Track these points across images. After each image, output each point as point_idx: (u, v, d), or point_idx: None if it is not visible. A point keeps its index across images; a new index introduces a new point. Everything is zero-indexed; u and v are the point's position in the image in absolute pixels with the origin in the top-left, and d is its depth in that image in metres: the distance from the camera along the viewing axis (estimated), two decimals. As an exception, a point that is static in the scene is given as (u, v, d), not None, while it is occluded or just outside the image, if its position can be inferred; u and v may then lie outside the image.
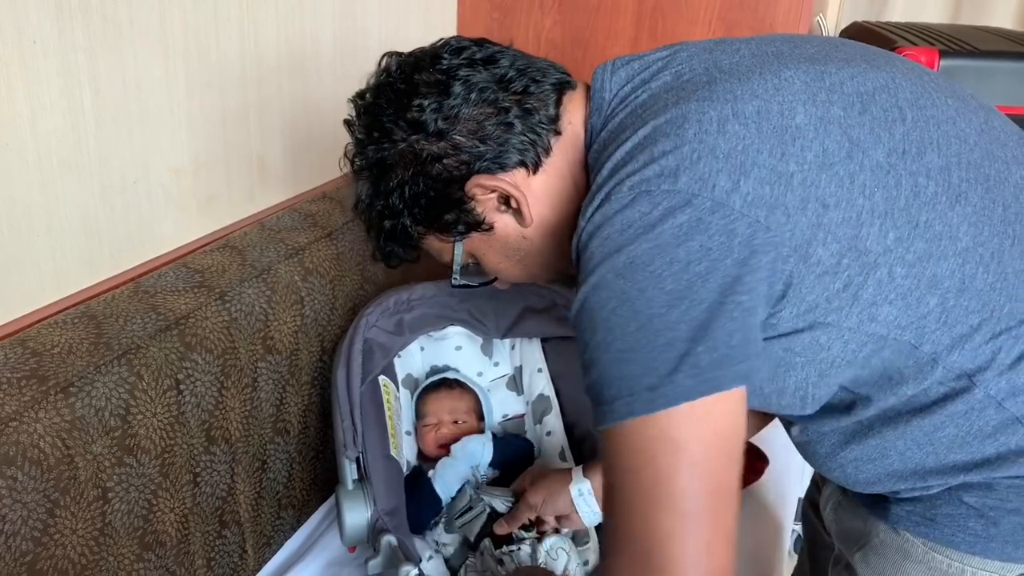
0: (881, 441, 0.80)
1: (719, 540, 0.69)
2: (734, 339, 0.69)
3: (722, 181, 0.71)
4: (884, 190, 0.73)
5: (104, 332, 1.02)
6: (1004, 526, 0.79)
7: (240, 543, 1.23)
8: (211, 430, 1.13)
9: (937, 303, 0.74)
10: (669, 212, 0.70)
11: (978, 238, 0.74)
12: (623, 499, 0.71)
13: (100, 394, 0.96)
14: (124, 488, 0.99)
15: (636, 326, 0.69)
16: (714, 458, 0.69)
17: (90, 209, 1.12)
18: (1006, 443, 0.77)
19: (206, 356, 1.10)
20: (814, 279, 0.72)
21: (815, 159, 0.73)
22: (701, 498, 0.68)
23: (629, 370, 0.69)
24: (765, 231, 0.70)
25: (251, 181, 1.41)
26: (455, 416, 1.37)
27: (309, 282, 1.31)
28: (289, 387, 1.28)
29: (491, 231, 0.90)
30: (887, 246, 0.72)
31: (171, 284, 1.14)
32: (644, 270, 0.70)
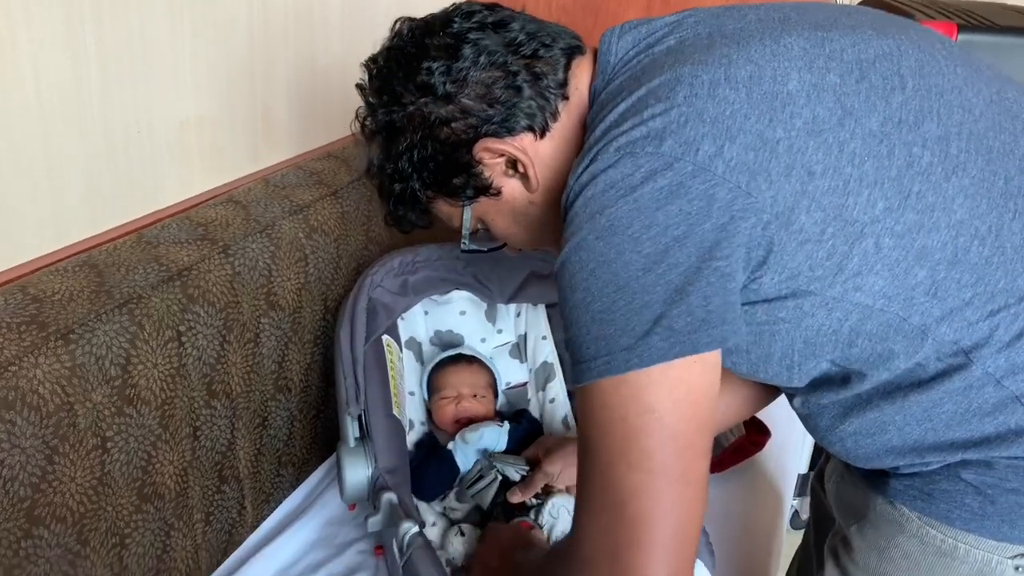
0: (880, 415, 0.79)
1: (687, 497, 0.70)
2: (711, 304, 0.69)
3: (706, 146, 0.70)
4: (875, 159, 0.72)
5: (105, 281, 1.01)
6: (1001, 505, 0.77)
7: (239, 499, 1.23)
8: (212, 384, 1.12)
9: (927, 275, 0.72)
10: (651, 175, 0.70)
11: (975, 210, 0.73)
12: (595, 455, 0.72)
13: (100, 342, 0.95)
14: (124, 438, 0.98)
15: (614, 288, 0.70)
16: (684, 419, 0.70)
17: (92, 159, 1.10)
18: (1005, 422, 0.76)
19: (208, 309, 1.09)
20: (796, 246, 0.71)
21: (804, 126, 0.72)
22: (669, 457, 0.69)
23: (606, 331, 0.70)
24: (745, 196, 0.70)
25: (256, 137, 1.40)
26: (475, 390, 1.35)
27: (313, 240, 1.29)
28: (292, 344, 1.27)
29: (499, 196, 0.89)
30: (875, 216, 0.71)
31: (174, 236, 1.13)
32: (623, 232, 0.70)
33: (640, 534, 0.69)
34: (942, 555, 0.81)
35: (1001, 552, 0.78)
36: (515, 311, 1.50)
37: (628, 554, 0.69)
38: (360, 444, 1.18)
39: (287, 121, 1.46)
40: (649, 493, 0.69)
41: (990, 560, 0.79)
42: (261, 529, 1.29)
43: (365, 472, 1.16)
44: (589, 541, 0.72)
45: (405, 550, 1.04)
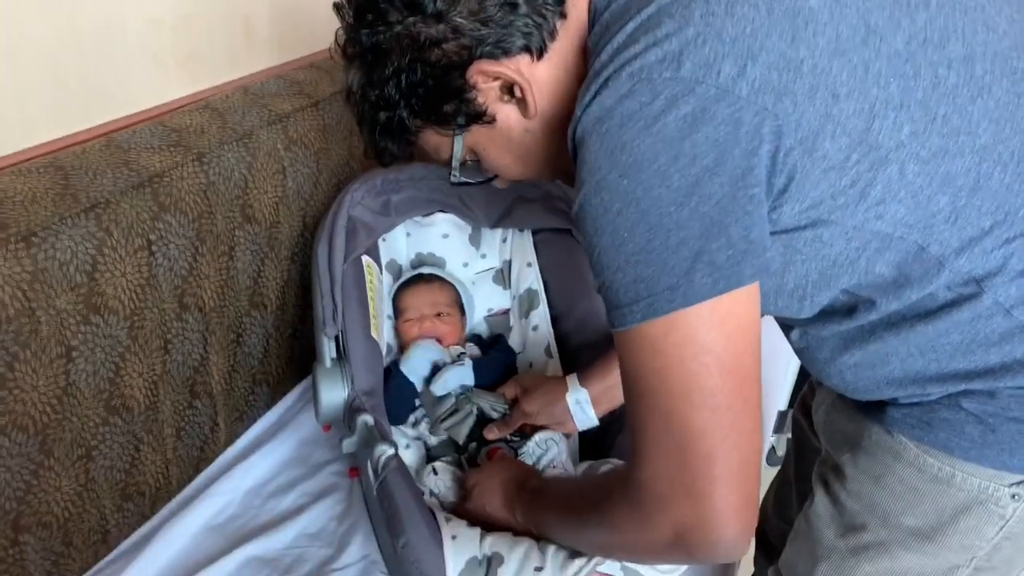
0: (883, 346, 0.78)
1: (750, 424, 0.70)
2: (751, 233, 0.67)
3: (727, 67, 0.66)
4: (901, 80, 0.68)
5: (72, 184, 0.96)
6: (1002, 433, 0.76)
7: (212, 415, 1.20)
8: (184, 296, 1.08)
9: (948, 202, 0.70)
10: (672, 102, 0.66)
11: (999, 135, 0.70)
12: (653, 401, 0.71)
13: (65, 247, 0.91)
14: (90, 348, 0.95)
15: (646, 227, 0.67)
16: (738, 352, 0.69)
17: (60, 55, 1.04)
18: (1011, 352, 0.74)
19: (180, 218, 1.05)
20: (819, 174, 0.68)
21: (827, 45, 0.68)
22: (730, 392, 0.69)
23: (644, 272, 0.67)
24: (773, 119, 0.66)
25: (236, 42, 1.33)
26: (437, 308, 1.32)
27: (292, 151, 1.24)
28: (268, 260, 1.23)
29: (493, 123, 0.83)
30: (900, 141, 0.68)
31: (146, 141, 1.08)
32: (648, 168, 0.66)
33: (715, 469, 0.69)
34: (939, 483, 0.80)
35: (999, 480, 0.78)
36: (501, 236, 1.46)
37: (707, 488, 0.69)
38: (337, 365, 1.15)
39: (269, 27, 1.39)
40: (717, 429, 0.69)
41: (987, 488, 0.78)
42: (234, 447, 1.28)
43: (341, 393, 1.13)
44: (663, 480, 0.71)
45: (380, 472, 1.02)
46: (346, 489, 1.21)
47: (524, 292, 1.41)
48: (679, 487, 0.70)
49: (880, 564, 0.86)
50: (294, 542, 1.13)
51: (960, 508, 0.80)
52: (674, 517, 0.71)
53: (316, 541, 1.13)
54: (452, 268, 1.43)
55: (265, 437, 1.29)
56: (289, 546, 1.12)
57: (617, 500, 0.78)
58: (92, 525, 1.02)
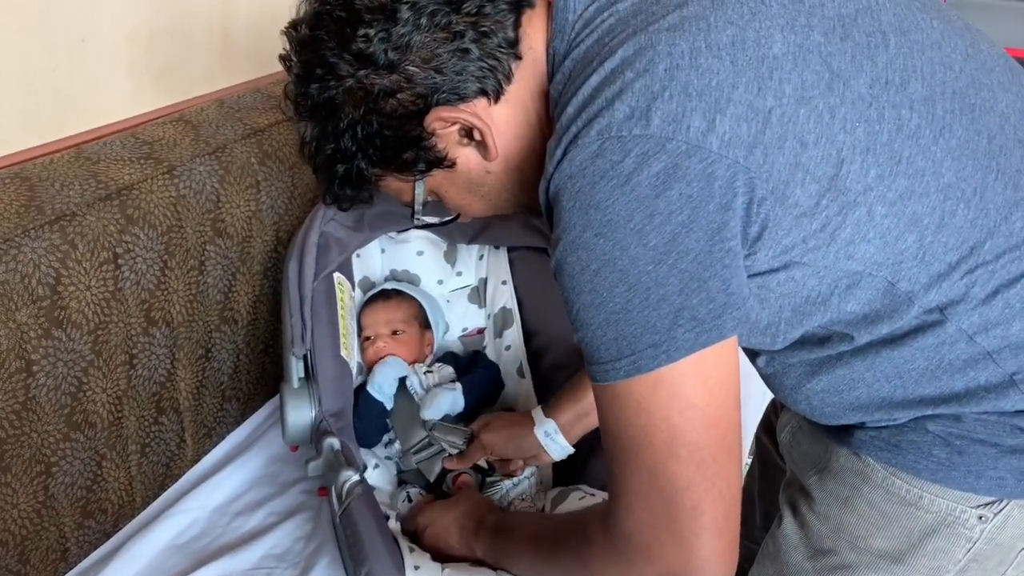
0: (849, 372, 0.78)
1: (733, 472, 0.71)
2: (730, 286, 0.67)
3: (696, 121, 0.66)
4: (866, 124, 0.69)
5: (37, 195, 0.95)
6: (969, 455, 0.77)
7: (178, 431, 1.19)
8: (151, 311, 1.07)
9: (915, 240, 0.71)
10: (643, 160, 0.66)
11: (961, 173, 0.71)
12: (637, 455, 0.71)
13: (27, 259, 0.89)
14: (51, 362, 0.93)
15: (625, 287, 0.67)
16: (720, 404, 0.70)
17: (30, 63, 1.03)
18: (975, 378, 0.75)
19: (149, 232, 1.04)
20: (791, 221, 0.69)
21: (793, 92, 0.68)
22: (715, 445, 0.69)
23: (626, 330, 0.68)
24: (745, 172, 0.66)
25: (212, 55, 1.33)
26: (391, 327, 1.30)
27: (267, 166, 1.23)
28: (239, 275, 1.22)
29: (453, 167, 0.82)
30: (867, 184, 0.69)
31: (116, 153, 1.07)
32: (624, 227, 0.66)
33: (702, 519, 0.70)
34: (907, 505, 0.80)
35: (966, 502, 0.78)
36: (477, 253, 1.45)
37: (693, 539, 0.70)
38: (304, 385, 1.13)
39: (247, 41, 1.39)
40: (703, 481, 0.70)
41: (954, 510, 0.78)
42: (202, 464, 1.26)
43: (308, 414, 1.12)
44: (648, 530, 0.72)
45: (344, 498, 1.01)
46: (315, 508, 1.20)
47: (499, 311, 1.40)
48: (666, 537, 0.71)
49: None
50: (260, 562, 1.11)
51: (928, 530, 0.80)
52: (661, 567, 0.72)
53: (282, 562, 1.11)
54: (427, 286, 1.42)
55: (234, 454, 1.27)
56: (255, 566, 1.10)
57: (599, 547, 0.78)
58: (51, 543, 1.00)
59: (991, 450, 0.76)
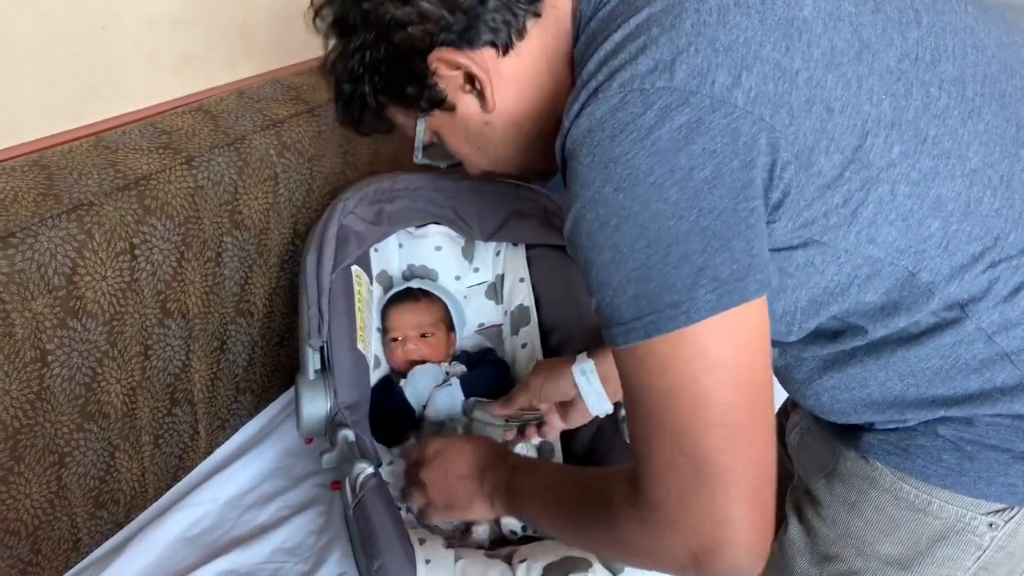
0: (862, 371, 0.76)
1: (765, 437, 0.68)
2: (753, 247, 0.65)
3: (722, 76, 0.64)
4: (892, 98, 0.67)
5: (55, 184, 0.94)
6: (980, 461, 0.75)
7: (192, 423, 1.18)
8: (167, 302, 1.06)
9: (939, 227, 0.69)
10: (665, 113, 0.63)
11: (988, 159, 0.69)
12: (661, 421, 0.68)
13: (44, 248, 0.89)
14: (66, 352, 0.93)
15: (645, 242, 0.64)
16: (749, 366, 0.66)
17: (51, 51, 1.02)
18: (991, 379, 0.73)
19: (166, 222, 1.03)
20: (814, 191, 0.67)
21: (822, 57, 0.66)
22: (745, 407, 0.66)
23: (646, 288, 0.65)
24: (770, 130, 0.64)
25: (233, 45, 1.32)
26: (421, 330, 1.30)
27: (285, 158, 1.22)
28: (256, 267, 1.21)
29: (453, 111, 0.82)
30: (891, 160, 0.67)
31: (135, 142, 1.06)
32: (644, 181, 0.64)
33: (734, 489, 0.66)
34: (915, 511, 0.79)
35: (976, 509, 0.77)
36: (495, 250, 1.44)
37: (726, 510, 0.66)
38: (320, 377, 1.12)
39: (268, 31, 1.38)
40: (734, 445, 0.66)
41: (964, 516, 0.77)
42: (215, 456, 1.25)
43: (323, 406, 1.11)
44: (676, 501, 0.68)
45: (358, 491, 1.00)
46: (327, 502, 1.19)
47: (516, 308, 1.39)
48: (696, 510, 0.67)
49: None
50: (270, 556, 1.10)
51: (936, 537, 0.79)
52: (691, 540, 0.68)
53: (293, 556, 1.11)
54: (444, 281, 1.41)
55: (247, 447, 1.27)
56: (265, 560, 1.10)
57: (625, 513, 0.74)
58: (63, 533, 1.00)
59: (1003, 456, 0.75)
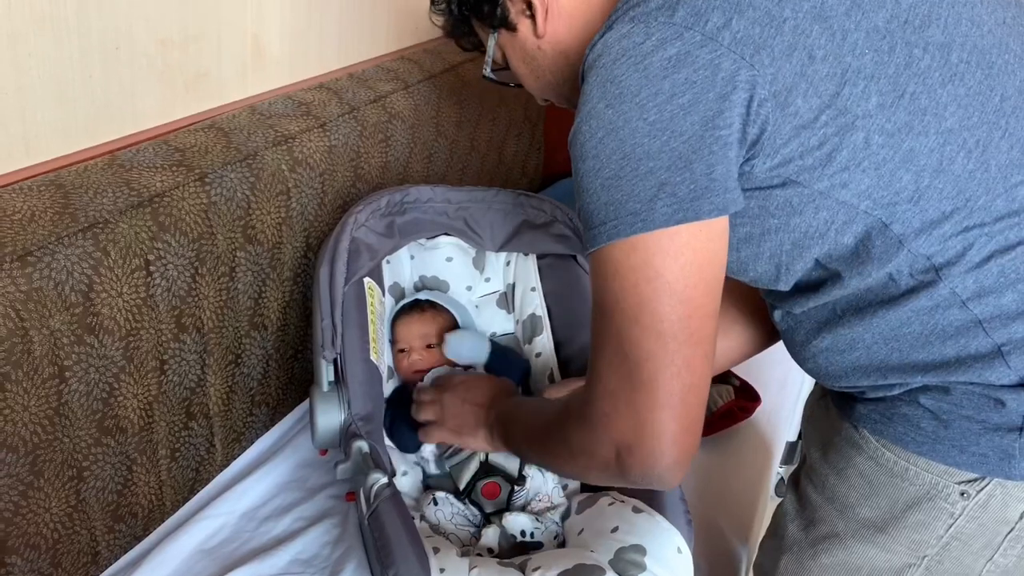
0: (850, 332, 0.82)
1: (697, 357, 0.74)
2: (714, 172, 0.71)
3: (715, 17, 0.72)
4: (875, 54, 0.73)
5: (71, 203, 0.95)
6: (954, 429, 0.79)
7: (208, 436, 1.19)
8: (182, 317, 1.07)
9: (911, 180, 0.74)
10: (660, 44, 0.72)
11: (966, 122, 0.74)
12: (609, 319, 0.76)
13: (61, 267, 0.90)
14: (83, 368, 0.94)
15: (620, 155, 0.72)
16: (692, 285, 0.73)
17: (66, 72, 1.04)
18: (966, 346, 0.77)
19: (180, 239, 1.04)
20: (790, 130, 0.72)
21: (811, 9, 0.73)
22: (679, 321, 0.73)
23: (614, 196, 0.73)
24: (748, 68, 0.71)
25: (244, 62, 1.33)
26: (426, 340, 1.31)
27: (297, 173, 1.23)
28: (269, 281, 1.23)
29: (515, 32, 0.91)
30: (867, 110, 0.72)
31: (149, 160, 1.08)
32: (631, 100, 0.72)
33: (658, 394, 0.73)
34: (893, 476, 0.83)
35: (948, 477, 0.80)
36: (505, 259, 1.45)
37: (645, 411, 0.74)
38: (334, 388, 1.13)
39: (279, 47, 1.39)
40: (662, 355, 0.73)
41: (937, 483, 0.81)
42: (231, 468, 1.26)
43: (338, 417, 1.12)
44: (609, 398, 0.76)
45: (372, 501, 1.00)
46: (342, 513, 1.20)
47: (527, 318, 1.39)
48: (623, 406, 0.75)
49: (836, 556, 0.89)
50: (287, 567, 1.11)
51: (911, 502, 0.83)
52: (616, 435, 0.76)
53: (309, 567, 1.12)
54: (456, 292, 1.42)
55: (263, 459, 1.28)
56: (282, 571, 1.11)
57: (572, 417, 0.83)
58: (82, 547, 1.01)
59: (975, 426, 0.78)
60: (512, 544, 1.09)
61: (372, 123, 1.40)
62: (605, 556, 0.98)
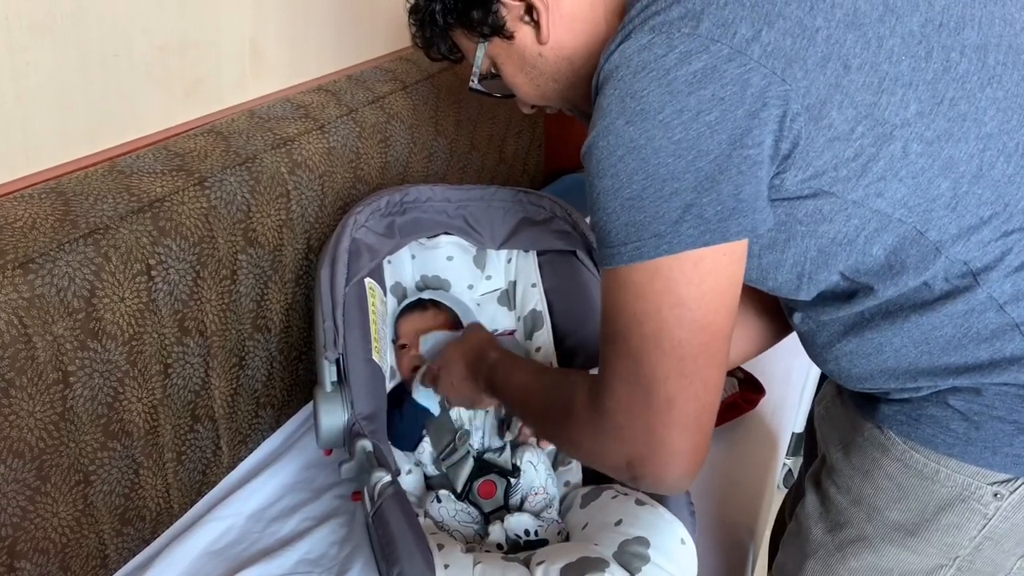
0: (878, 336, 0.80)
1: (713, 379, 0.74)
2: (741, 192, 0.69)
3: (744, 29, 0.68)
4: (912, 60, 0.70)
5: (72, 209, 0.96)
6: (986, 431, 0.77)
7: (214, 439, 1.20)
8: (185, 320, 1.08)
9: (949, 187, 0.71)
10: (685, 57, 0.68)
11: (1005, 126, 0.72)
12: (626, 340, 0.74)
13: (63, 273, 0.91)
14: (87, 373, 0.95)
15: (643, 175, 0.70)
16: (712, 310, 0.72)
17: (65, 80, 1.05)
18: (1001, 349, 0.75)
19: (181, 243, 1.05)
20: (824, 143, 0.70)
21: (844, 17, 0.70)
22: (699, 345, 0.72)
23: (636, 217, 0.71)
24: (780, 83, 0.68)
25: (243, 66, 1.34)
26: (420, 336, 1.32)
27: (297, 175, 1.24)
28: (271, 283, 1.23)
29: (511, 40, 0.88)
30: (906, 119, 0.70)
31: (149, 166, 1.08)
32: (654, 118, 0.69)
33: (673, 414, 0.73)
34: (923, 478, 0.81)
35: (981, 478, 0.79)
36: (506, 257, 1.45)
37: (663, 431, 0.74)
38: (337, 389, 1.14)
39: (277, 51, 1.40)
40: (681, 378, 0.72)
41: (970, 485, 0.79)
42: (238, 470, 1.27)
43: (341, 417, 1.12)
44: (624, 413, 0.76)
45: (376, 499, 1.01)
46: (349, 513, 1.21)
47: (528, 313, 1.40)
48: (638, 424, 0.75)
49: (864, 559, 0.87)
50: (295, 567, 1.12)
51: (943, 504, 0.81)
52: (629, 449, 0.76)
53: (317, 567, 1.12)
54: (457, 290, 1.43)
55: (269, 460, 1.29)
56: (290, 571, 1.11)
57: (580, 415, 0.82)
58: (90, 550, 1.02)
59: (1008, 427, 0.77)
60: (515, 545, 1.10)
61: (371, 124, 1.41)
62: (609, 549, 0.98)
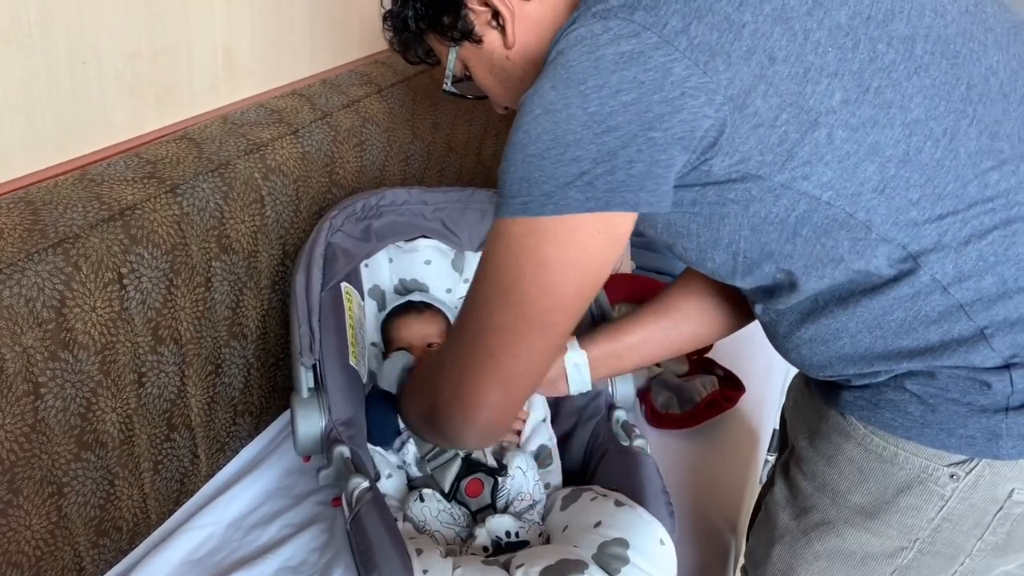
0: (833, 322, 0.82)
1: (539, 345, 0.79)
2: (633, 168, 0.72)
3: (674, 21, 0.72)
4: (839, 51, 0.73)
5: (40, 219, 0.95)
6: (941, 413, 0.80)
7: (191, 447, 1.19)
8: (159, 329, 1.07)
9: (876, 171, 0.74)
10: (616, 39, 0.72)
11: (932, 112, 0.74)
12: (483, 290, 0.80)
13: (31, 283, 0.90)
14: (59, 384, 0.94)
15: (551, 137, 0.73)
16: (568, 280, 0.76)
17: (33, 88, 1.04)
18: (949, 331, 0.78)
19: (153, 251, 1.04)
20: (748, 130, 0.73)
21: (772, 12, 0.73)
22: (542, 309, 0.77)
23: (533, 174, 0.74)
24: (701, 75, 0.71)
25: (215, 72, 1.33)
26: (427, 340, 1.31)
27: (271, 180, 1.23)
28: (247, 290, 1.23)
29: (480, 44, 0.91)
30: (831, 106, 0.72)
31: (120, 174, 1.07)
32: (576, 87, 0.73)
33: (490, 365, 0.78)
34: (883, 461, 0.84)
35: (938, 460, 0.81)
36: (484, 260, 1.45)
37: (474, 376, 0.79)
38: (314, 395, 1.14)
39: (251, 57, 1.39)
40: (512, 333, 0.78)
41: (927, 467, 0.81)
42: (216, 478, 1.26)
43: (318, 424, 1.12)
44: (449, 354, 0.81)
45: (354, 505, 1.00)
46: (329, 519, 1.20)
47: (508, 317, 1.40)
48: (456, 364, 0.79)
49: (828, 543, 0.90)
50: (276, 574, 1.12)
51: (901, 486, 0.83)
52: (437, 389, 0.81)
53: (297, 573, 1.12)
54: (435, 294, 1.42)
55: (248, 468, 1.28)
56: (270, 579, 1.11)
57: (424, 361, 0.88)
58: (66, 563, 1.01)
59: (962, 408, 0.79)
60: (497, 546, 1.09)
61: (346, 128, 1.40)
62: (588, 551, 0.98)
